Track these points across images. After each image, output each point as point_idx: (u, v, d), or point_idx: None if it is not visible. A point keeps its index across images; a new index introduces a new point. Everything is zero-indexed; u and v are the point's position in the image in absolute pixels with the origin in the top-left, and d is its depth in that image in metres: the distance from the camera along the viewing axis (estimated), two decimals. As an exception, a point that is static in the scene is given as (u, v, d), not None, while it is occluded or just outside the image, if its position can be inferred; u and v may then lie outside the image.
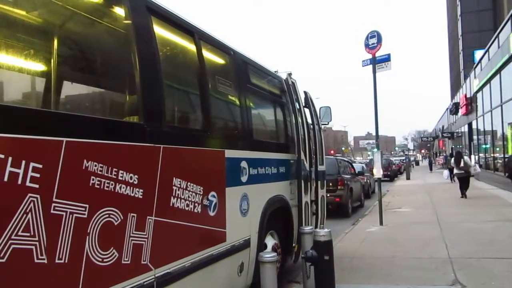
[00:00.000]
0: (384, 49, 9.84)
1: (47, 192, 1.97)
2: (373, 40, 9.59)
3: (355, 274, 5.53)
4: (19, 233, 1.84)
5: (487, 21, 37.54)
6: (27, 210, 1.87)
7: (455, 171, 14.79)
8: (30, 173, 1.88)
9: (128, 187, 2.49)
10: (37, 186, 1.91)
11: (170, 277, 2.86)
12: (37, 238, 1.92)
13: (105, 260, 2.31)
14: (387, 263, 6.06)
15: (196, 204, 3.24)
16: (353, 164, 16.52)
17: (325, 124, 7.59)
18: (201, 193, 3.32)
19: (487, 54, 19.55)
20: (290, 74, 5.85)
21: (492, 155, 20.51)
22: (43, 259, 1.94)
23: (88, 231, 2.21)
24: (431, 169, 37.79)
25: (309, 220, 5.86)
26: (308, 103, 6.26)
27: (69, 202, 2.08)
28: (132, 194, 2.53)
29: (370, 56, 9.69)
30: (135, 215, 2.54)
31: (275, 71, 5.70)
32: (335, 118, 7.11)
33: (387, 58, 9.61)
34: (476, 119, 23.32)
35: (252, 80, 4.75)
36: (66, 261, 2.06)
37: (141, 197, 2.60)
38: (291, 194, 5.36)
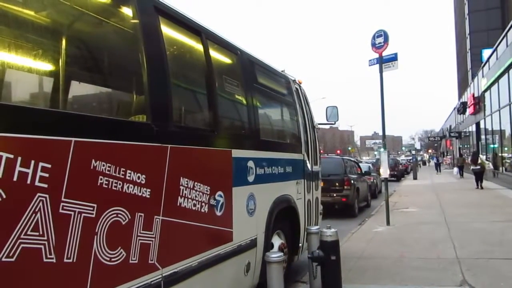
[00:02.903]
0: (391, 48, 9.79)
1: (56, 191, 1.98)
2: (380, 39, 9.56)
3: (362, 274, 5.51)
4: (28, 233, 1.85)
5: (495, 19, 37.23)
6: (36, 210, 1.88)
7: (472, 167, 18.40)
8: (39, 173, 1.89)
9: (136, 186, 2.50)
10: (46, 185, 1.92)
11: (177, 277, 2.87)
12: (46, 238, 1.93)
13: (113, 259, 2.32)
14: (394, 263, 6.04)
15: (203, 204, 3.25)
16: (360, 164, 16.44)
17: (332, 124, 7.68)
18: (208, 192, 3.32)
19: (495, 53, 19.41)
20: (294, 81, 5.94)
21: (500, 154, 20.30)
22: (52, 258, 1.96)
23: (96, 230, 2.22)
24: (438, 170, 35.18)
25: (314, 219, 6.00)
26: (302, 100, 6.15)
27: (77, 202, 2.09)
28: (140, 194, 2.54)
29: (376, 55, 9.66)
30: (142, 214, 2.55)
31: (282, 71, 5.71)
32: (341, 117, 7.10)
33: (394, 58, 9.57)
34: (484, 118, 23.15)
35: (259, 79, 4.77)
36: (74, 261, 2.07)
37: (148, 196, 2.61)
38: (298, 194, 5.38)
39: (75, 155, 2.09)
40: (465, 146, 34.82)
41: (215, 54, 3.86)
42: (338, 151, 59.18)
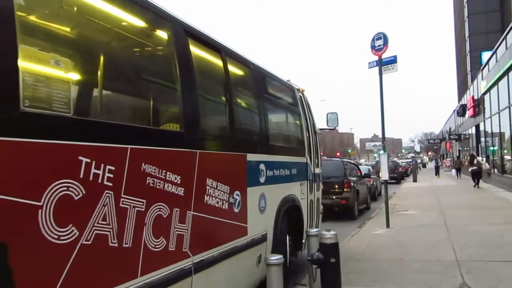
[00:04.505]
0: (391, 51, 9.83)
1: (118, 189, 2.46)
2: (380, 42, 9.59)
3: (361, 277, 5.54)
4: (100, 222, 2.32)
5: (494, 22, 37.31)
6: (104, 204, 2.36)
7: (470, 168, 20.94)
8: (106, 174, 2.37)
9: (173, 186, 2.99)
10: (111, 184, 2.39)
11: (204, 264, 3.33)
12: (111, 226, 2.39)
13: (157, 246, 2.79)
14: (393, 266, 6.07)
15: (224, 202, 3.74)
16: (360, 166, 16.44)
17: (332, 129, 8.15)
18: (228, 192, 3.80)
19: (494, 55, 19.46)
20: (298, 89, 6.44)
21: (500, 157, 20.33)
22: (115, 243, 2.43)
23: (145, 221, 2.69)
24: (437, 173, 33.23)
25: (316, 218, 6.49)
26: (305, 107, 6.64)
27: (132, 198, 2.57)
28: (176, 192, 3.03)
29: (376, 58, 9.68)
30: (178, 209, 3.04)
31: (288, 80, 6.19)
32: (341, 120, 7.30)
33: (393, 60, 9.62)
34: (484, 121, 23.23)
35: (268, 89, 5.28)
36: (130, 246, 2.54)
37: (182, 194, 3.10)
38: (302, 194, 5.84)
39: (131, 159, 2.57)
40: (465, 148, 34.82)
41: (232, 69, 4.34)
42: (338, 154, 59.19)
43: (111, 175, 2.39)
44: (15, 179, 1.88)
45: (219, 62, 4.08)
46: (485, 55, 25.13)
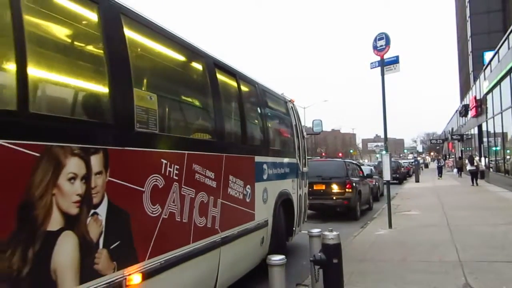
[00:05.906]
0: (393, 51, 9.85)
1: (180, 181, 3.59)
2: (381, 42, 9.67)
3: (364, 278, 5.58)
4: (171, 204, 3.47)
5: (496, 22, 37.38)
6: (174, 191, 3.51)
7: (468, 167, 23.23)
8: (174, 171, 3.50)
9: (210, 180, 4.15)
10: (177, 178, 3.54)
11: (227, 239, 4.50)
12: (177, 207, 3.54)
13: (200, 223, 3.94)
14: (396, 266, 6.11)
15: (240, 193, 4.92)
16: (362, 167, 16.40)
17: (317, 134, 9.79)
18: (242, 186, 4.99)
19: (496, 55, 19.57)
20: (289, 101, 7.79)
21: (503, 157, 20.27)
22: (179, 219, 3.59)
23: (194, 205, 3.83)
24: (440, 174, 31.93)
25: (303, 209, 7.72)
26: (295, 115, 7.85)
27: (188, 188, 3.71)
28: (211, 185, 4.19)
29: (378, 58, 9.71)
30: (212, 197, 4.21)
31: (282, 93, 7.60)
32: (343, 120, 7.66)
33: (395, 60, 9.68)
34: (486, 121, 23.33)
35: (268, 103, 6.64)
36: (186, 221, 3.70)
37: (215, 187, 4.27)
38: (293, 189, 7.13)
39: (187, 161, 3.71)
40: (468, 148, 34.79)
41: (243, 88, 5.60)
42: (340, 154, 59.15)
43: (177, 172, 3.54)
44: (133, 173, 3.02)
45: (234, 84, 5.37)
46: (487, 55, 25.17)
